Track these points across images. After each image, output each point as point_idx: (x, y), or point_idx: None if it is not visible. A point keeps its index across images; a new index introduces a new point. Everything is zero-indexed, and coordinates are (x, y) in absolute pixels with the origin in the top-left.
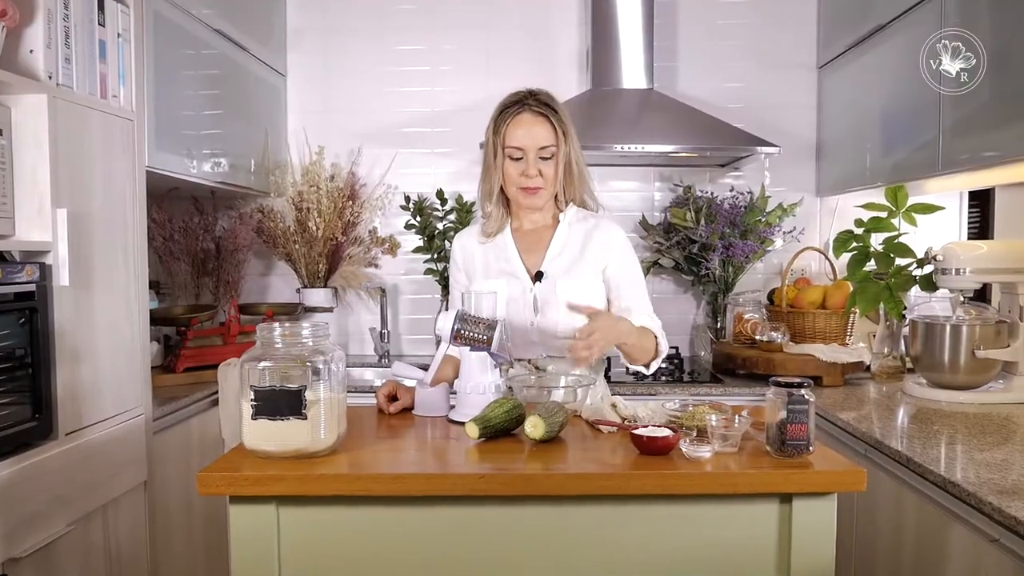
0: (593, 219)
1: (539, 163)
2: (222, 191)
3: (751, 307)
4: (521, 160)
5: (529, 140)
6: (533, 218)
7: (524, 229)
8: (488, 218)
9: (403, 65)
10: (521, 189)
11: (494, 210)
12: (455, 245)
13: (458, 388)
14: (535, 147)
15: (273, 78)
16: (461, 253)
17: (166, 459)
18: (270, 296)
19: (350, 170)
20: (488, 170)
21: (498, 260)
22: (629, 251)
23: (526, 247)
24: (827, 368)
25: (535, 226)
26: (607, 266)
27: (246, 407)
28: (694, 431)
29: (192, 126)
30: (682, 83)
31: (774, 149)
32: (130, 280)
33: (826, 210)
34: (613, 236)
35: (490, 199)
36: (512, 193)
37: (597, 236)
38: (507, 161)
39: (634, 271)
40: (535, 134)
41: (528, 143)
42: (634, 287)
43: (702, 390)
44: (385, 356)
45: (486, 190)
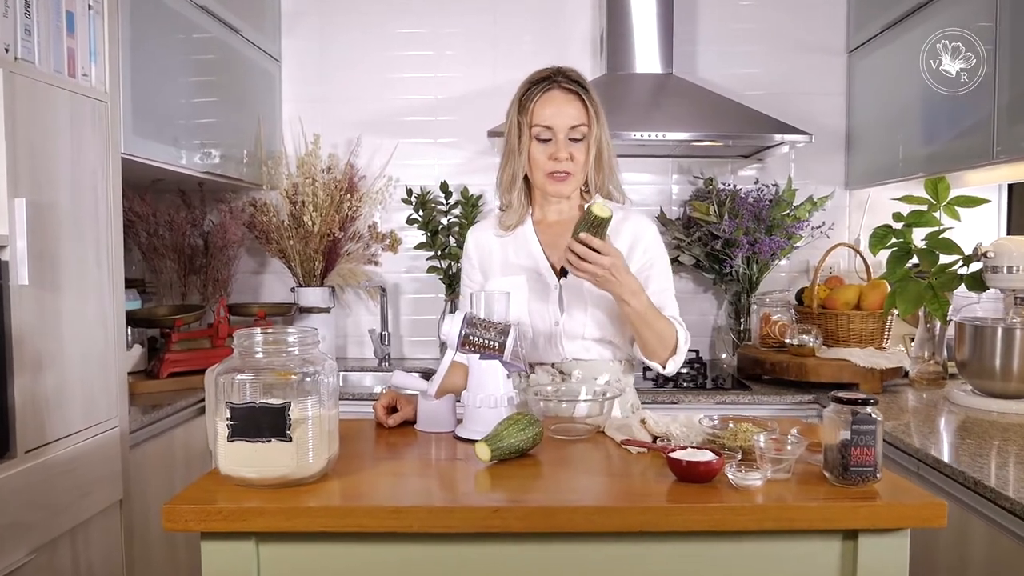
0: (622, 211)
1: (569, 146)
2: (211, 183)
3: (779, 308)
4: (550, 142)
5: (559, 119)
6: (559, 208)
7: (548, 221)
8: (507, 209)
9: (405, 50)
10: (549, 175)
11: (515, 200)
12: (469, 239)
13: (466, 400)
14: (565, 127)
15: (267, 63)
16: (476, 248)
17: (145, 474)
18: (263, 295)
19: (348, 161)
20: (510, 155)
21: (518, 255)
22: (660, 247)
23: (550, 240)
24: (864, 374)
25: (560, 217)
26: (638, 261)
27: (221, 427)
28: (738, 453)
29: (177, 112)
30: (702, 68)
31: (805, 137)
32: (103, 278)
33: (855, 204)
34: (644, 229)
35: (512, 188)
36: (538, 180)
37: (626, 229)
38: (533, 143)
39: (663, 269)
40: (566, 112)
41: (558, 122)
42: (661, 285)
43: (728, 398)
44: (385, 359)
45: (507, 178)
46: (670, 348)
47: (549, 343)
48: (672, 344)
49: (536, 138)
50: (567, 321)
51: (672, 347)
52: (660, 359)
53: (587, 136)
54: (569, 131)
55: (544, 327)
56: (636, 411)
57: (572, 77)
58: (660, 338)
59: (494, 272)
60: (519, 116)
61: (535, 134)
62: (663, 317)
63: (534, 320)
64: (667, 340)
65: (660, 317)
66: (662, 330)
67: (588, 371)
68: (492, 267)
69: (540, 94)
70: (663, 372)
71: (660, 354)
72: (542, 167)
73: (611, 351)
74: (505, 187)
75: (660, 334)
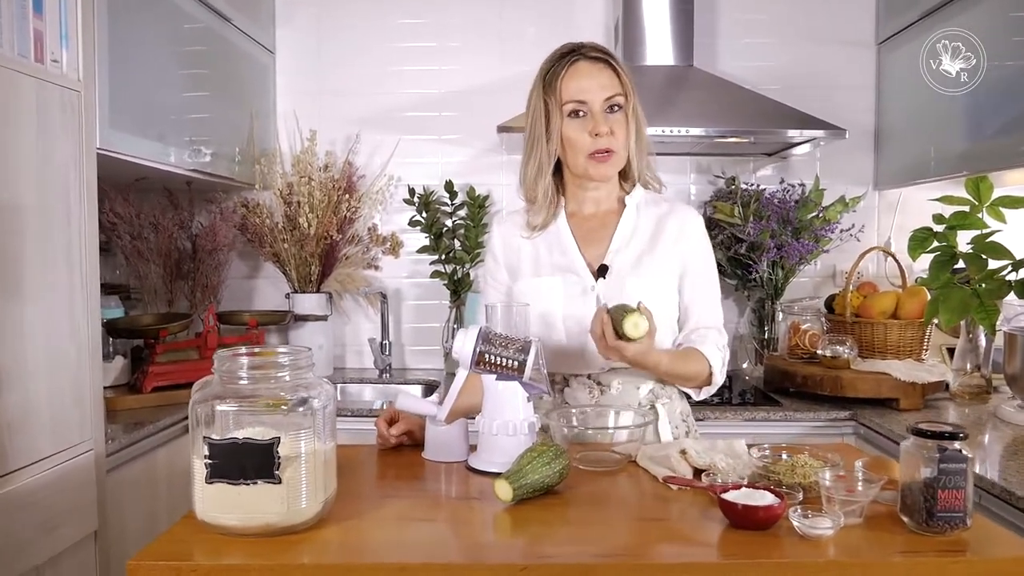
0: (666, 203)
1: (608, 119)
2: (199, 182)
3: (809, 316)
4: (585, 117)
5: (593, 90)
6: (595, 197)
7: (584, 214)
8: (534, 206)
9: (407, 41)
10: (591, 157)
11: (541, 195)
12: (494, 234)
13: (480, 427)
14: (600, 98)
15: (261, 55)
16: (503, 244)
17: (124, 501)
18: (256, 302)
19: (346, 159)
20: (535, 144)
21: (551, 253)
22: (708, 246)
23: (585, 236)
24: (905, 389)
25: (597, 210)
26: (682, 260)
27: (198, 465)
28: (799, 492)
29: (161, 105)
30: (722, 60)
31: (838, 133)
32: (75, 284)
33: (885, 205)
34: (692, 225)
35: (538, 182)
36: (579, 165)
37: (672, 224)
38: (566, 122)
39: (710, 271)
40: (598, 82)
41: (592, 93)
42: (707, 291)
43: (758, 414)
44: (386, 370)
45: (532, 171)
46: (703, 380)
47: (585, 351)
48: (705, 376)
49: (570, 115)
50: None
51: (706, 378)
52: (691, 388)
53: (624, 107)
54: (605, 103)
55: (580, 333)
56: (686, 419)
57: (597, 47)
58: (688, 380)
59: (523, 272)
60: (545, 96)
61: (567, 111)
62: (692, 360)
63: (568, 326)
64: (697, 377)
65: (688, 363)
66: (692, 374)
67: (629, 381)
68: (521, 266)
69: (566, 68)
70: (695, 397)
71: (689, 386)
72: (581, 147)
73: None
74: (530, 183)
75: (687, 378)
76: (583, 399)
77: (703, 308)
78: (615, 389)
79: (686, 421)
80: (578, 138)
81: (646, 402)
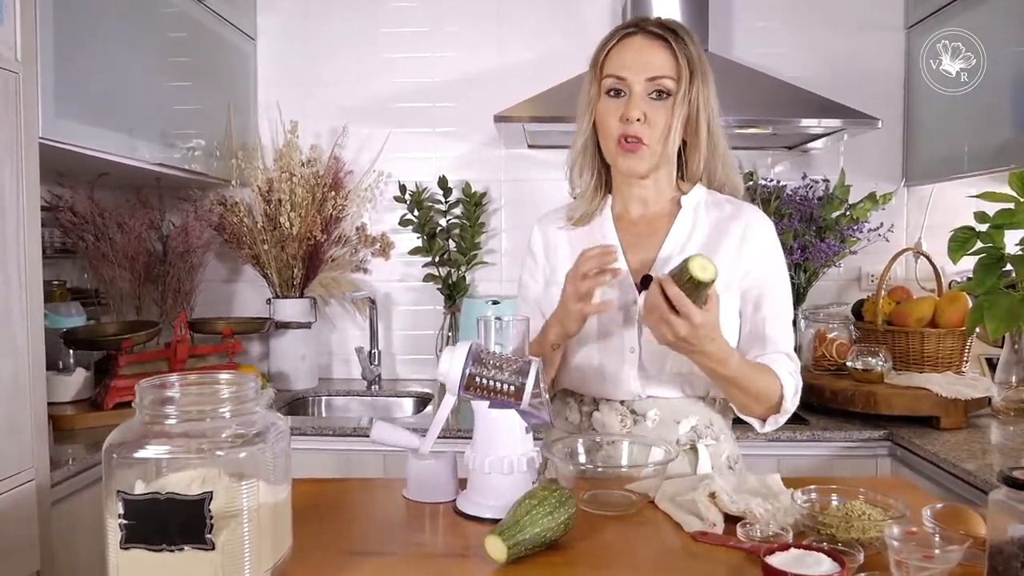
0: (731, 205)
1: (646, 103)
2: (170, 178)
3: (836, 324)
4: (623, 97)
5: (635, 67)
6: (643, 196)
7: (631, 216)
8: (578, 197)
9: (398, 26)
10: (618, 143)
11: (586, 185)
12: (534, 232)
13: (470, 462)
14: (642, 77)
15: (240, 41)
16: (543, 240)
17: (73, 537)
18: (236, 307)
19: (332, 154)
20: (580, 121)
21: None
22: (779, 257)
23: (632, 241)
24: (947, 406)
25: (646, 211)
26: (748, 272)
27: (112, 526)
28: (858, 552)
29: (123, 92)
30: (738, 46)
31: (870, 122)
32: (11, 292)
33: (915, 202)
34: (761, 229)
35: (583, 168)
36: (609, 150)
37: (736, 229)
38: (603, 100)
39: (782, 286)
40: (644, 59)
41: (633, 71)
42: (778, 309)
43: (784, 433)
44: (375, 382)
45: (577, 153)
46: (771, 404)
47: (620, 374)
48: (775, 400)
49: (607, 92)
50: (646, 346)
51: (775, 403)
52: (756, 414)
53: (674, 94)
54: (648, 84)
55: (615, 353)
56: (733, 464)
57: (664, 23)
58: (754, 399)
59: (559, 274)
60: (592, 72)
61: (605, 87)
62: (763, 373)
63: (604, 342)
64: (767, 398)
65: (758, 375)
66: (761, 390)
67: (668, 412)
68: (558, 266)
69: (617, 40)
70: (759, 430)
71: (755, 410)
72: (611, 130)
73: (703, 386)
74: (574, 166)
75: (754, 396)
76: (613, 426)
77: (774, 330)
78: (651, 420)
79: (733, 468)
80: (608, 120)
81: (686, 440)
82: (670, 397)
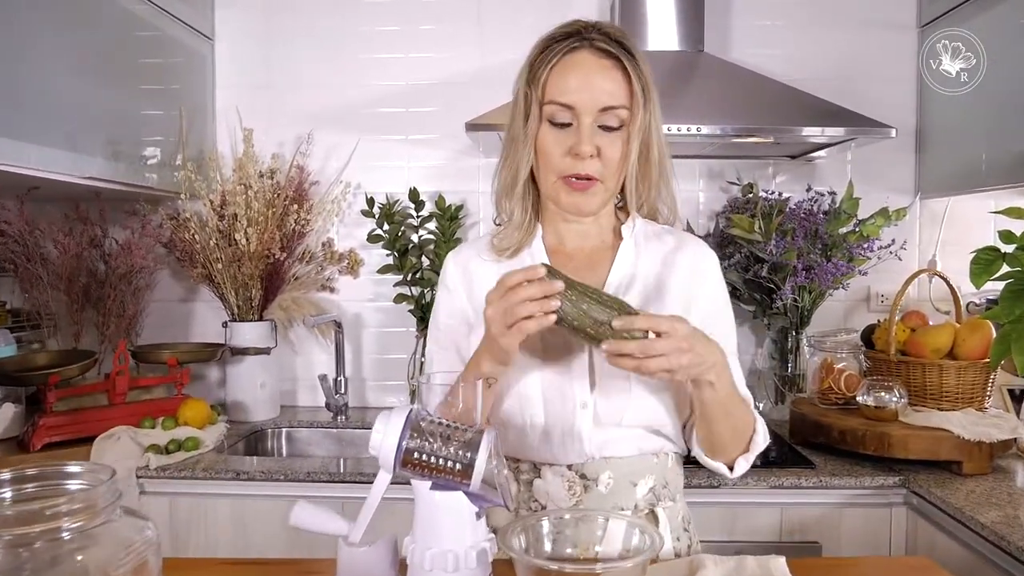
0: (671, 236)
1: (599, 136)
2: (111, 192)
3: (844, 352)
4: (569, 128)
5: (586, 94)
6: (582, 230)
7: (566, 250)
8: (506, 225)
9: (369, 24)
10: (564, 179)
11: (517, 211)
12: (448, 264)
13: (409, 555)
14: (594, 108)
15: (196, 42)
16: (463, 277)
17: None
18: (195, 330)
19: (295, 163)
20: (512, 145)
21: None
22: (724, 289)
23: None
24: (970, 450)
25: (583, 244)
26: (699, 309)
27: None
28: None
29: (61, 102)
30: (737, 47)
31: (883, 131)
32: None
33: (928, 216)
34: (707, 264)
35: (512, 193)
36: (549, 185)
37: (682, 261)
38: (545, 128)
39: (731, 322)
40: (596, 85)
41: (584, 99)
42: (730, 346)
43: (786, 478)
44: (341, 412)
45: (507, 178)
46: (745, 441)
47: (569, 435)
48: (748, 437)
49: (550, 120)
50: (600, 401)
51: (747, 441)
52: (728, 458)
53: (628, 125)
54: (600, 115)
55: (562, 411)
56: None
57: (611, 35)
58: (735, 431)
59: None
60: (527, 88)
61: (548, 115)
62: (742, 401)
63: (548, 400)
64: (743, 433)
65: (740, 401)
66: (739, 420)
67: (624, 474)
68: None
69: (561, 56)
70: (728, 476)
71: (730, 452)
72: (555, 166)
73: (659, 442)
74: (504, 191)
75: (735, 426)
76: (559, 496)
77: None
78: (604, 485)
79: (688, 530)
80: (554, 153)
81: (644, 505)
82: (627, 456)
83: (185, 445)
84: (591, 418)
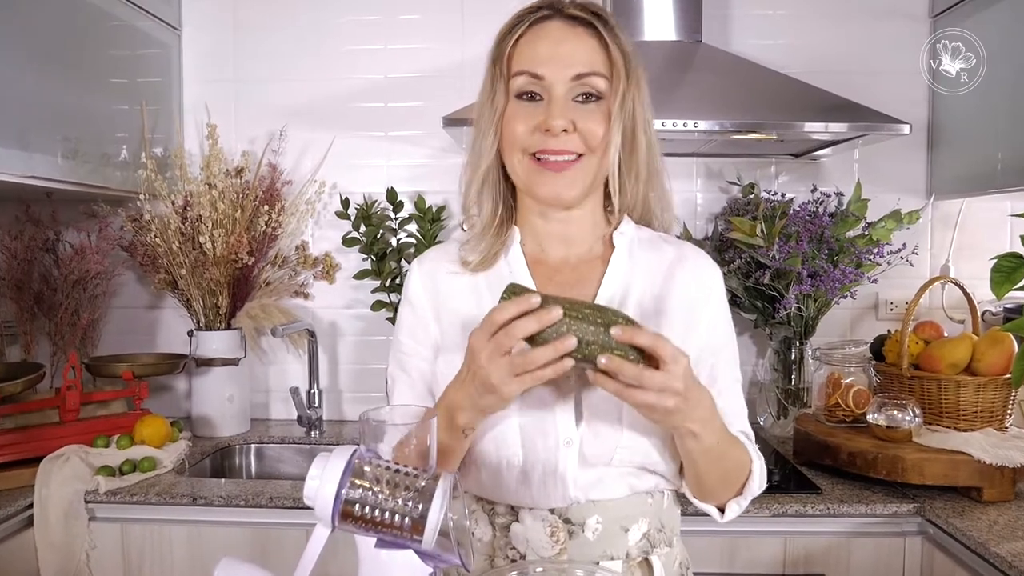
0: (669, 245)
1: (573, 109)
2: (63, 192)
3: (852, 366)
4: (541, 102)
5: (556, 62)
6: (565, 234)
7: (549, 260)
8: (474, 231)
9: (347, 14)
10: (534, 160)
11: (486, 205)
12: (413, 275)
13: None
14: (567, 73)
15: (161, 33)
16: (429, 290)
17: None
18: (161, 340)
19: (264, 161)
20: (478, 128)
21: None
22: (728, 311)
23: (555, 293)
24: (991, 475)
25: (569, 252)
26: (703, 330)
27: None
28: None
29: (10, 100)
30: (737, 37)
31: (896, 128)
32: None
33: (941, 219)
34: (711, 280)
35: (480, 191)
36: (519, 169)
37: (683, 278)
38: (512, 105)
39: (732, 347)
40: (569, 52)
41: (553, 67)
42: (730, 375)
43: (790, 506)
44: (315, 427)
45: (476, 175)
46: (737, 487)
47: (551, 476)
48: (742, 481)
49: (517, 95)
50: (587, 437)
51: (740, 485)
52: (718, 501)
53: (607, 97)
54: (573, 84)
55: (543, 449)
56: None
57: (584, 3)
58: (725, 476)
59: (449, 340)
60: (493, 68)
61: (515, 89)
62: (737, 443)
63: (528, 436)
64: (736, 477)
65: (733, 444)
66: (732, 464)
67: (614, 518)
68: (454, 327)
69: (527, 27)
70: (718, 519)
71: (720, 496)
72: (521, 143)
73: (654, 480)
74: (474, 194)
75: (727, 471)
76: (540, 544)
77: (729, 400)
78: (591, 531)
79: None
80: (516, 130)
81: (637, 553)
82: (616, 498)
83: (141, 466)
84: (576, 457)
